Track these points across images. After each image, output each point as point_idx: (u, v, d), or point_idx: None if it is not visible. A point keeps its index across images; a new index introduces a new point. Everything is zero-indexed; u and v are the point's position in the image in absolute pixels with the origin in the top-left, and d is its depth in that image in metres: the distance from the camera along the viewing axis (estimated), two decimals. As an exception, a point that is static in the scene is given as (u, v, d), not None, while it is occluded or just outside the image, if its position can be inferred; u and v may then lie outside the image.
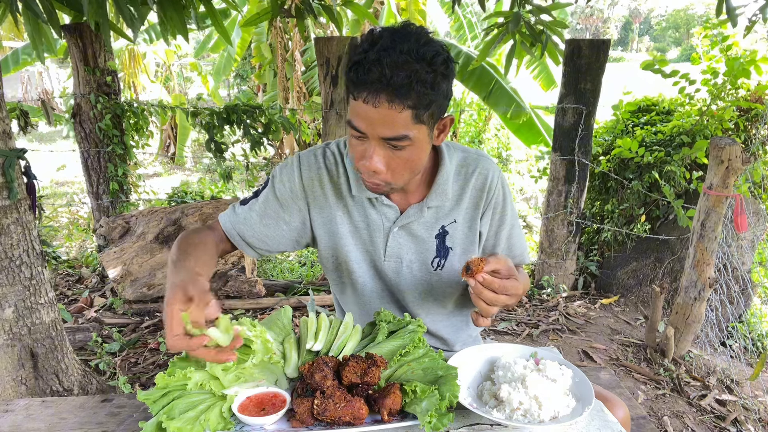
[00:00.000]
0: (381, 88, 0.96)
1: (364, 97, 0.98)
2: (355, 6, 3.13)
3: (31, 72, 13.06)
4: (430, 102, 1.00)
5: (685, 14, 52.43)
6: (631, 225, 3.70)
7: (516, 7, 2.82)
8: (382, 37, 0.98)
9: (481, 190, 1.27)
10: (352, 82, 1.00)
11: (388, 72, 0.95)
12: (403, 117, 0.99)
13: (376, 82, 0.96)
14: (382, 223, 1.25)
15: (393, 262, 1.28)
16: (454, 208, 1.27)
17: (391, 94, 0.97)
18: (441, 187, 1.23)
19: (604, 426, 0.97)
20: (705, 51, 3.60)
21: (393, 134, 1.01)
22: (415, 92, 0.97)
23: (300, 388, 0.99)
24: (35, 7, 1.83)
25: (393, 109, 0.98)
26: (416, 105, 0.99)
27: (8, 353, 2.14)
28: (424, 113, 1.01)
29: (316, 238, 1.29)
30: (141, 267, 3.41)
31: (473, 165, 1.27)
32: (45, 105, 4.15)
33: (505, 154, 7.55)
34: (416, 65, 0.96)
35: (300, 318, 1.89)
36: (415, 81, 0.96)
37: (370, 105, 0.98)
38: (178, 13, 2.21)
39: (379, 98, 0.97)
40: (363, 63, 0.97)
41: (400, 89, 0.96)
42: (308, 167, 1.25)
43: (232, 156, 4.64)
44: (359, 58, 0.98)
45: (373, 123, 1.00)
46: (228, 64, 8.08)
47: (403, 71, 0.95)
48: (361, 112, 1.00)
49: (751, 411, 2.52)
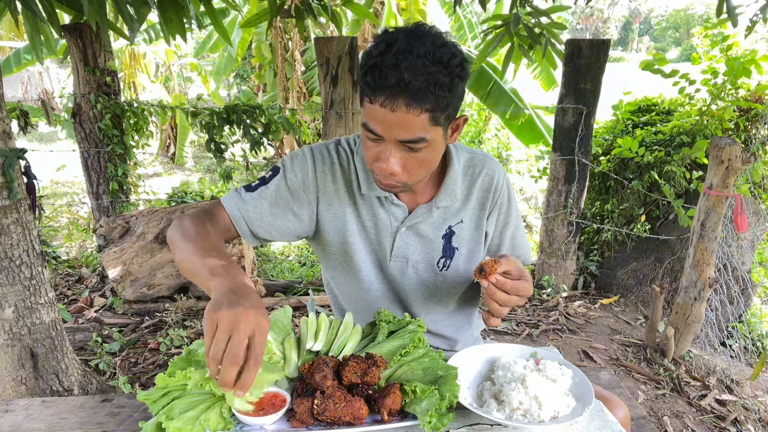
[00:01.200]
0: (399, 93, 0.96)
1: (381, 101, 0.98)
2: (356, 6, 3.13)
3: (31, 72, 13.06)
4: (446, 104, 1.00)
5: (685, 14, 52.42)
6: (631, 225, 3.70)
7: (515, 8, 2.82)
8: (397, 40, 0.96)
9: (488, 190, 1.27)
10: (368, 86, 0.99)
11: (407, 77, 0.94)
12: (420, 120, 0.99)
13: (394, 86, 0.95)
14: (390, 222, 1.24)
15: (399, 263, 1.28)
16: (462, 209, 1.27)
17: (409, 99, 0.96)
18: (450, 187, 1.23)
19: (604, 426, 0.97)
20: (705, 51, 3.60)
21: (410, 137, 1.01)
22: (433, 96, 0.96)
23: (300, 388, 0.99)
24: (34, 7, 1.82)
25: (411, 113, 0.97)
26: (434, 108, 0.98)
27: (8, 353, 2.14)
28: (441, 115, 1.01)
29: (322, 233, 1.27)
30: (141, 267, 3.41)
31: (480, 165, 1.27)
32: (45, 105, 4.15)
33: (505, 154, 7.54)
34: (433, 68, 0.95)
35: (300, 318, 1.89)
36: (432, 85, 0.95)
37: (388, 109, 0.97)
38: (177, 13, 2.21)
39: (396, 102, 0.97)
40: (379, 67, 0.96)
41: (418, 93, 0.95)
42: (322, 161, 1.23)
43: (232, 156, 4.64)
44: (375, 61, 0.97)
45: (390, 126, 1.00)
46: (228, 64, 8.08)
47: (421, 76, 0.94)
48: (377, 115, 1.00)
49: (751, 411, 2.52)
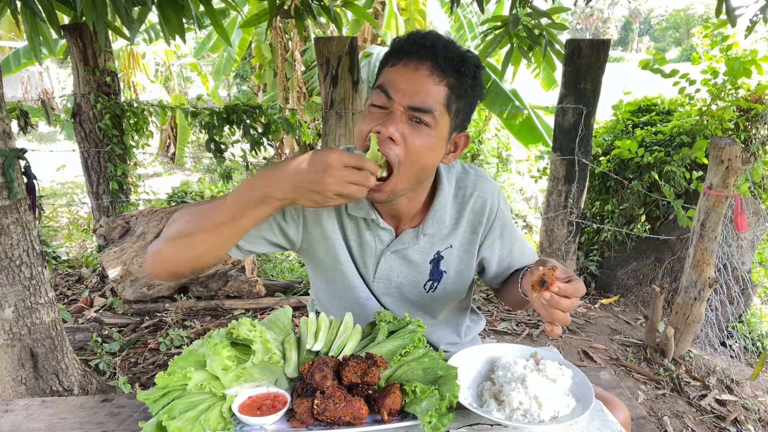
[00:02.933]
0: (428, 57, 0.98)
1: (405, 61, 0.99)
2: (355, 7, 3.12)
3: (31, 72, 13.06)
4: (463, 94, 1.01)
5: (685, 14, 52.40)
6: (631, 225, 3.70)
7: (515, 8, 2.82)
8: (430, 33, 1.01)
9: (480, 214, 1.22)
10: (399, 48, 1.01)
11: (442, 45, 0.98)
12: (437, 90, 0.99)
13: (428, 48, 0.98)
14: (375, 245, 1.21)
15: (382, 284, 1.26)
16: (451, 233, 1.23)
17: (436, 65, 0.98)
18: (438, 213, 1.19)
19: (604, 426, 0.97)
20: (705, 51, 3.60)
21: (422, 104, 0.99)
22: (457, 73, 0.99)
23: (300, 388, 0.99)
24: (34, 7, 1.82)
25: (432, 78, 0.98)
26: (453, 86, 1.00)
27: (8, 353, 2.14)
28: (454, 102, 1.01)
29: (313, 251, 1.25)
30: (141, 267, 3.41)
31: (471, 187, 1.21)
32: (45, 105, 4.15)
33: (505, 154, 7.54)
34: (467, 54, 1.01)
35: (300, 318, 1.89)
36: (460, 63, 0.99)
37: (411, 68, 0.99)
38: (176, 14, 2.20)
39: (422, 63, 0.98)
40: (415, 36, 0.99)
41: (446, 63, 0.98)
42: None
43: (232, 156, 4.64)
44: (410, 35, 1.01)
45: (407, 87, 0.99)
46: (228, 64, 8.08)
47: (453, 51, 0.99)
48: (397, 76, 1.00)
49: (751, 411, 2.52)
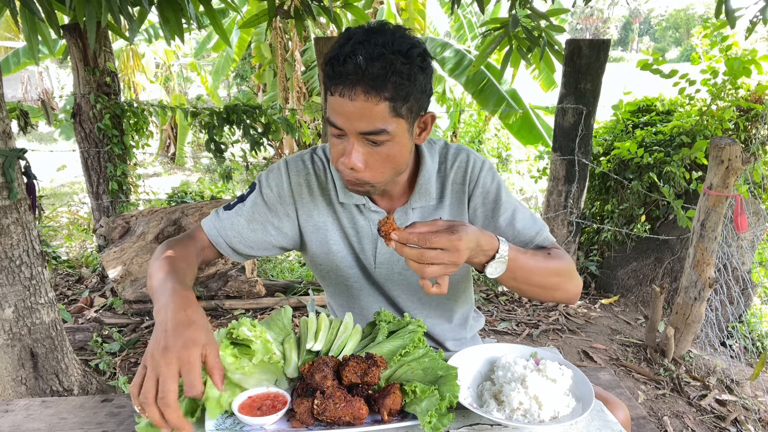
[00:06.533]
0: (357, 81, 0.95)
1: (340, 91, 0.97)
2: (355, 9, 3.12)
3: (31, 72, 13.06)
4: (407, 94, 0.99)
5: (685, 14, 52.41)
6: (631, 225, 3.70)
7: (515, 9, 2.82)
8: (356, 34, 0.97)
9: (462, 183, 1.22)
10: (328, 77, 0.99)
11: (363, 63, 0.94)
12: (380, 110, 0.97)
13: (352, 74, 0.95)
14: (370, 229, 1.23)
15: (384, 270, 1.26)
16: (438, 206, 1.23)
17: (367, 86, 0.95)
18: (423, 187, 1.20)
19: (604, 426, 0.97)
20: (705, 51, 3.60)
21: (370, 128, 0.99)
22: (391, 83, 0.96)
23: (300, 388, 0.99)
24: (33, 6, 1.82)
25: (369, 101, 0.96)
26: (393, 97, 0.97)
27: (8, 353, 2.14)
28: (402, 106, 1.00)
29: (306, 244, 1.27)
30: (141, 267, 3.41)
31: (452, 159, 1.23)
32: (45, 105, 4.14)
33: (505, 154, 7.55)
34: (391, 56, 0.95)
35: (300, 318, 1.89)
36: (390, 72, 0.95)
37: (347, 98, 0.97)
38: (175, 14, 2.20)
39: (355, 90, 0.96)
40: (338, 57, 0.96)
41: (375, 80, 0.95)
42: (296, 172, 1.23)
43: (232, 156, 4.64)
44: (334, 53, 0.97)
45: (350, 117, 0.98)
46: (227, 64, 8.09)
47: (378, 62, 0.94)
48: (337, 107, 0.99)
49: (751, 411, 2.52)
